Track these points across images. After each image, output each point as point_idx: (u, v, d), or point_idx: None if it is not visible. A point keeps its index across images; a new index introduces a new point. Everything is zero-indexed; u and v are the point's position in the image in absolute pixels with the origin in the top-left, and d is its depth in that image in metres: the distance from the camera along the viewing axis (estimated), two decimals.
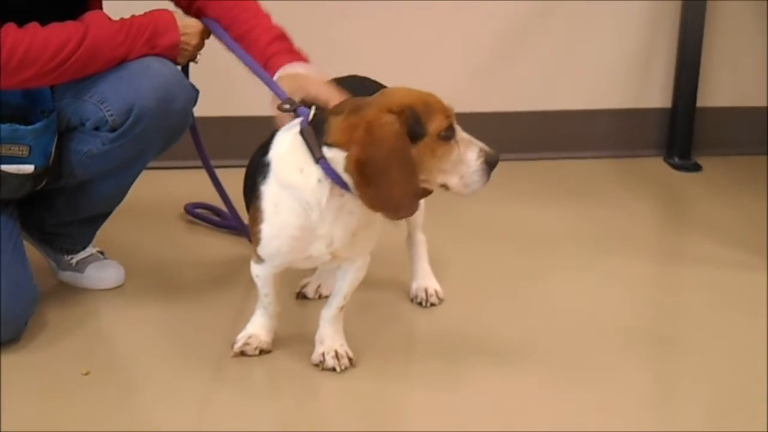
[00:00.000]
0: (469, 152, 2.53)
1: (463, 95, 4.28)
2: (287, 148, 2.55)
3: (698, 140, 4.45)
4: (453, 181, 2.54)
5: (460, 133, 2.54)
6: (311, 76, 2.79)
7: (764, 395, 2.65)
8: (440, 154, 2.50)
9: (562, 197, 4.02)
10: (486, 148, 2.56)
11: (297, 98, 2.67)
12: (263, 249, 2.63)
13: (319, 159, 2.47)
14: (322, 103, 2.63)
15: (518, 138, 4.39)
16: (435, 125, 2.48)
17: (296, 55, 2.87)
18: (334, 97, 2.64)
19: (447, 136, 2.50)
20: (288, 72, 2.81)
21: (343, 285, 2.73)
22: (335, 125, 2.46)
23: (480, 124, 4.31)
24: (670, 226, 3.94)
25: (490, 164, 2.55)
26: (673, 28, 4.37)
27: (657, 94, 4.46)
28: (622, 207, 3.95)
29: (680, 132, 4.42)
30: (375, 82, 2.93)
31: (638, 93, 4.46)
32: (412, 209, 2.50)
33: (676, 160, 4.41)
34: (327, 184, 2.49)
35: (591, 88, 4.43)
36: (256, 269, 2.72)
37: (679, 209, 4.04)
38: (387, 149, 2.41)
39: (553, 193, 4.07)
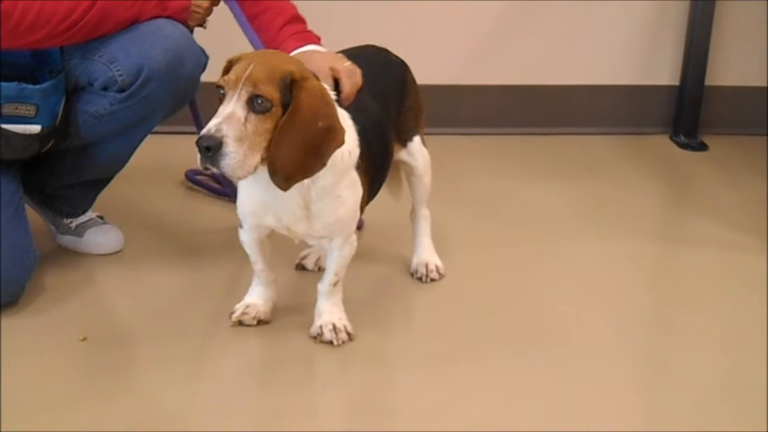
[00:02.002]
0: None
1: (468, 68, 4.32)
2: None
3: (705, 119, 4.43)
4: None
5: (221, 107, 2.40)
6: (316, 52, 2.80)
7: (764, 380, 2.64)
8: None
9: (567, 173, 4.00)
10: (206, 127, 2.36)
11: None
12: (239, 214, 2.66)
13: None
14: (322, 75, 2.63)
15: (524, 112, 4.39)
16: None
17: (307, 39, 2.88)
18: (335, 69, 2.66)
19: None
20: (297, 53, 2.82)
21: (330, 263, 2.72)
22: None
23: (486, 97, 4.35)
24: (673, 205, 3.92)
25: (198, 147, 2.36)
26: (683, 5, 4.34)
27: (665, 72, 4.44)
28: (627, 185, 3.93)
29: (687, 110, 4.41)
30: (389, 52, 2.93)
31: (646, 70, 4.44)
32: None
33: (683, 138, 4.40)
34: None
35: (599, 63, 4.41)
36: (241, 234, 2.73)
37: (683, 188, 4.03)
38: None
39: (557, 169, 4.05)
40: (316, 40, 2.90)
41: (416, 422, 2.46)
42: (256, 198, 2.59)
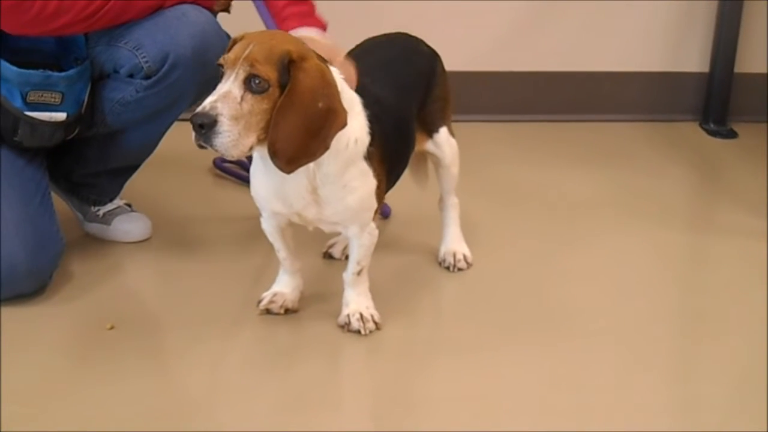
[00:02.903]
0: None
1: (496, 54, 4.30)
2: None
3: (735, 106, 4.39)
4: None
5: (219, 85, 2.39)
6: (316, 39, 2.74)
7: None
8: None
9: (595, 161, 3.97)
10: (202, 105, 2.35)
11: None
12: (255, 201, 2.66)
13: None
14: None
15: (552, 99, 4.36)
16: None
17: (310, 20, 2.85)
18: (332, 59, 2.61)
19: None
20: (295, 35, 2.75)
21: (351, 252, 2.71)
22: None
23: (514, 83, 4.33)
24: (702, 193, 3.88)
25: (192, 124, 2.34)
26: None
27: (695, 58, 4.40)
28: (656, 172, 3.90)
29: (717, 97, 4.37)
30: (420, 41, 2.92)
31: (676, 56, 4.40)
32: None
33: (712, 126, 4.36)
34: None
35: (628, 49, 4.38)
36: (262, 222, 2.72)
37: (712, 176, 3.99)
38: None
39: (585, 156, 4.02)
40: (319, 25, 2.86)
41: (444, 412, 2.45)
42: (266, 183, 2.58)
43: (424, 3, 4.14)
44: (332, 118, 2.39)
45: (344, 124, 2.43)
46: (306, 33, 2.78)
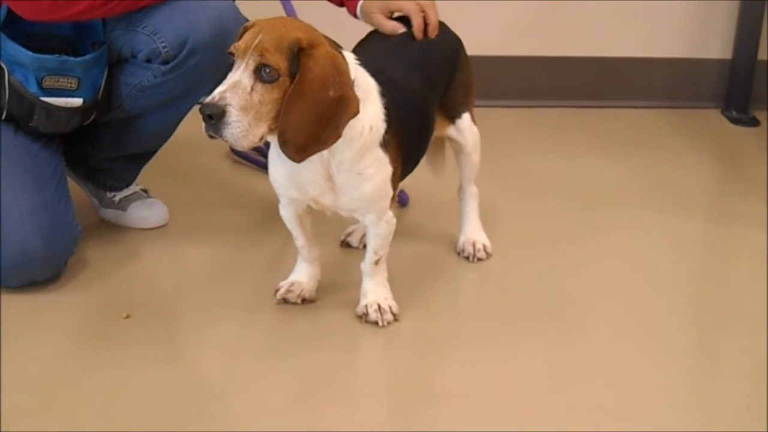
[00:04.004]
0: None
1: (516, 38, 4.27)
2: None
3: (757, 94, 4.34)
4: None
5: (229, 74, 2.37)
6: None
7: None
8: None
9: (616, 149, 3.94)
10: (211, 95, 2.33)
11: (388, 12, 2.81)
12: (274, 188, 2.63)
13: None
14: (413, 11, 2.77)
15: (572, 85, 4.33)
16: None
17: None
18: (419, 3, 2.77)
19: None
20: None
21: (369, 241, 2.68)
22: None
23: (534, 68, 4.29)
24: (724, 183, 3.84)
25: (201, 114, 2.32)
26: None
27: (717, 45, 4.35)
28: (677, 160, 3.87)
29: (739, 85, 4.32)
30: (444, 25, 2.90)
31: (698, 43, 4.36)
32: None
33: (734, 113, 4.32)
34: None
35: (649, 35, 4.34)
36: (280, 209, 2.70)
37: (734, 165, 3.95)
38: None
39: (606, 143, 3.99)
40: None
41: (463, 406, 2.43)
42: (282, 170, 2.55)
43: None
44: (344, 107, 2.36)
45: (356, 112, 2.39)
46: None
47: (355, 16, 2.88)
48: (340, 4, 2.92)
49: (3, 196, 2.72)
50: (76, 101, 2.80)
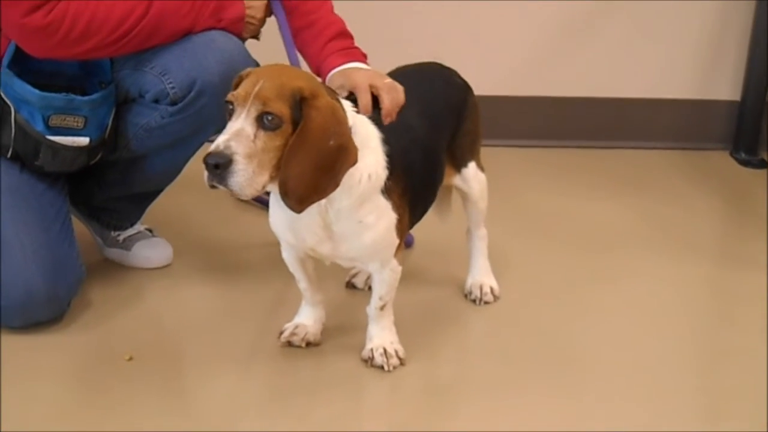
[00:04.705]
0: None
1: (525, 79, 4.27)
2: None
3: (766, 136, 4.34)
4: None
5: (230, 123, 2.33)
6: (357, 69, 2.74)
7: None
8: None
9: (623, 190, 3.93)
10: (215, 144, 2.30)
11: (344, 91, 2.64)
12: (274, 232, 2.62)
13: None
14: (362, 91, 2.60)
15: (580, 125, 4.33)
16: None
17: (351, 55, 2.81)
18: (374, 85, 2.60)
19: None
20: (340, 69, 2.76)
21: (374, 286, 2.66)
22: None
23: (542, 108, 4.29)
24: (732, 226, 3.82)
25: (205, 165, 2.30)
26: (746, 19, 4.25)
27: (726, 86, 4.35)
28: (685, 202, 3.85)
29: (748, 126, 4.32)
30: (453, 72, 2.89)
31: (707, 84, 4.35)
32: None
33: (743, 155, 4.31)
34: None
35: (658, 76, 4.34)
36: (282, 252, 2.68)
37: (743, 208, 3.92)
38: None
39: (614, 185, 3.98)
40: (362, 57, 2.84)
41: None
42: (281, 216, 2.54)
43: (451, 27, 4.10)
44: (343, 156, 2.35)
45: (354, 161, 2.38)
46: (351, 66, 2.76)
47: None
48: (318, 75, 2.88)
49: (7, 236, 2.70)
50: (83, 140, 2.79)
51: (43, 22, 2.64)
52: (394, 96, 2.60)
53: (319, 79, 2.59)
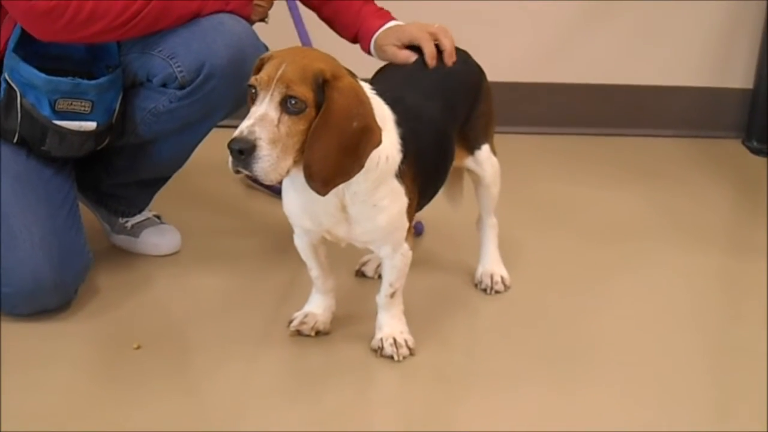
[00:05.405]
0: None
1: (537, 65, 4.24)
2: None
3: None
4: None
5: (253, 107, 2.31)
6: (405, 24, 2.84)
7: None
8: None
9: (635, 178, 3.91)
10: (239, 129, 2.27)
11: (401, 45, 2.79)
12: (288, 217, 2.59)
13: None
14: (424, 40, 2.75)
15: (594, 112, 4.31)
16: None
17: (387, 15, 2.90)
18: (432, 32, 2.77)
19: None
20: (385, 28, 2.83)
21: (384, 273, 2.64)
22: None
23: (555, 95, 4.27)
24: (744, 215, 3.79)
25: (230, 150, 2.27)
26: (758, 7, 4.22)
27: (739, 74, 4.33)
28: (697, 191, 3.83)
29: (760, 115, 4.29)
30: (468, 55, 2.89)
31: (719, 72, 4.33)
32: None
33: (755, 143, 4.28)
34: None
35: (671, 63, 4.32)
36: (295, 239, 2.66)
37: (755, 197, 3.89)
38: None
39: (626, 173, 3.96)
40: (393, 17, 2.88)
41: None
42: (296, 200, 2.51)
43: (465, 14, 4.06)
44: (367, 137, 2.32)
45: (379, 142, 2.35)
46: (392, 24, 2.85)
47: (368, 52, 2.87)
48: (354, 41, 2.90)
49: (14, 223, 2.68)
50: (90, 125, 2.76)
51: (48, 5, 2.62)
52: (450, 38, 2.78)
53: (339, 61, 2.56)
